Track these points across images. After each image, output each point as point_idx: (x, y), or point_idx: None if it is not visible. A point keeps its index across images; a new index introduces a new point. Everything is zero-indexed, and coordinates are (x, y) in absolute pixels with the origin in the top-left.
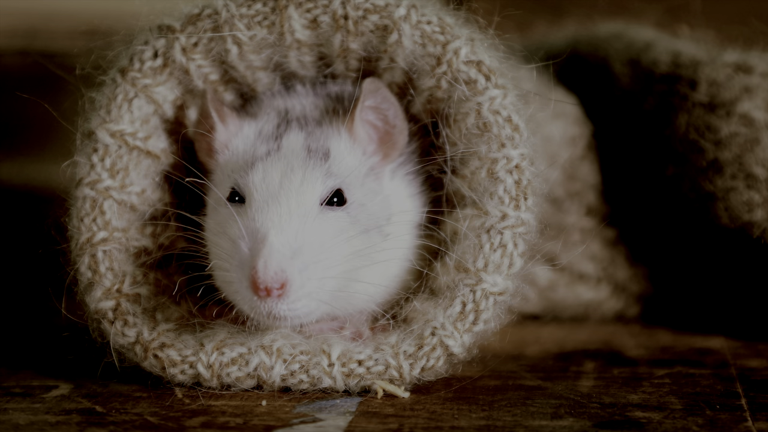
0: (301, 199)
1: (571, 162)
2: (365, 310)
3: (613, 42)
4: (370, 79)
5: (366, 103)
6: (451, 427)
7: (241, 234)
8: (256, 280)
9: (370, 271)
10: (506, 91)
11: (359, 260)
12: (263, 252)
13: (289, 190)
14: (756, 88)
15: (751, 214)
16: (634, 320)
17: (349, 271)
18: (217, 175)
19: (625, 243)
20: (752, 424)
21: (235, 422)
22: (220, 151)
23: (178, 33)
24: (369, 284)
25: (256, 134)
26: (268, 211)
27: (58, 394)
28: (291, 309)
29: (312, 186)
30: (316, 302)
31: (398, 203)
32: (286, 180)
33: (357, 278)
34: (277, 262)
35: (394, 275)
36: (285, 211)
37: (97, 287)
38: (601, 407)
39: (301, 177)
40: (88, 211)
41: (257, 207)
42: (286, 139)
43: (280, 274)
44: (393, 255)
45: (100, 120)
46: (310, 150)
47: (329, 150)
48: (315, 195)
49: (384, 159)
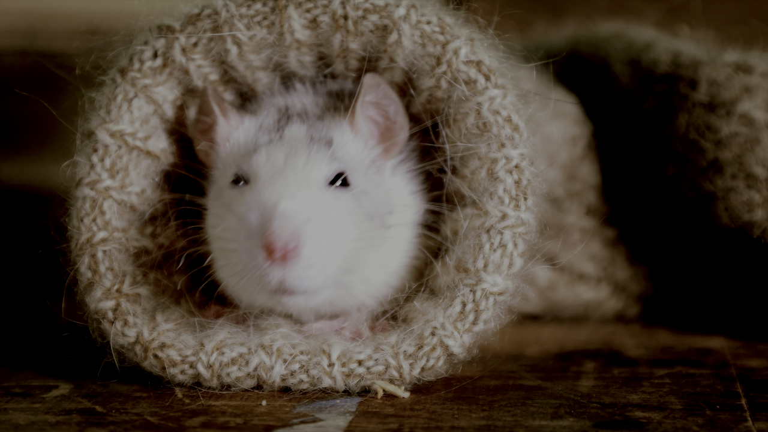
0: (308, 175)
1: (571, 162)
2: (364, 307)
3: (613, 42)
4: (370, 75)
5: (367, 98)
6: (451, 427)
7: (249, 205)
8: (271, 240)
9: (372, 261)
10: (506, 90)
11: (363, 245)
12: (277, 214)
13: (294, 167)
14: (756, 87)
15: (752, 214)
16: (634, 320)
17: (354, 254)
18: (218, 167)
19: (625, 243)
20: (752, 424)
21: (235, 422)
22: (221, 144)
23: (178, 33)
24: (370, 275)
25: (257, 127)
26: (276, 184)
27: (58, 394)
28: (302, 277)
29: (317, 165)
30: (324, 276)
31: (399, 198)
32: (291, 160)
33: (359, 266)
34: (292, 223)
35: (393, 270)
36: (293, 183)
37: (97, 287)
38: (601, 407)
39: (305, 158)
40: (88, 211)
41: (264, 182)
42: (288, 130)
43: (295, 234)
44: (394, 247)
45: (99, 120)
46: (313, 138)
47: (332, 139)
48: (320, 174)
49: (385, 154)
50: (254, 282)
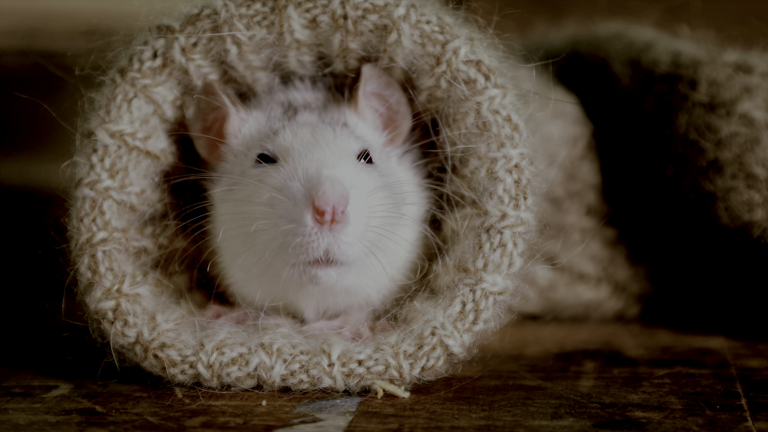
0: (340, 147)
1: (571, 162)
2: (367, 304)
3: (613, 42)
4: (369, 65)
5: (368, 88)
6: (451, 427)
7: (289, 176)
8: (321, 203)
9: (388, 246)
10: (506, 90)
11: (388, 224)
12: (324, 178)
13: (325, 141)
14: (756, 88)
15: (752, 214)
16: (634, 320)
17: (381, 230)
18: (230, 159)
19: (625, 243)
20: (752, 424)
21: (235, 422)
22: (232, 136)
23: (178, 33)
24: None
25: (266, 118)
26: (314, 155)
27: (58, 394)
28: (348, 243)
29: (346, 140)
30: (362, 247)
31: (407, 187)
32: (318, 135)
33: (380, 248)
34: (341, 185)
35: (400, 266)
36: (330, 153)
37: (97, 287)
38: (601, 407)
39: (332, 133)
40: (88, 212)
41: (299, 154)
42: (301, 117)
43: (344, 196)
44: (404, 236)
45: (99, 120)
46: (327, 122)
47: (346, 121)
48: (350, 147)
49: (389, 144)
50: (295, 250)
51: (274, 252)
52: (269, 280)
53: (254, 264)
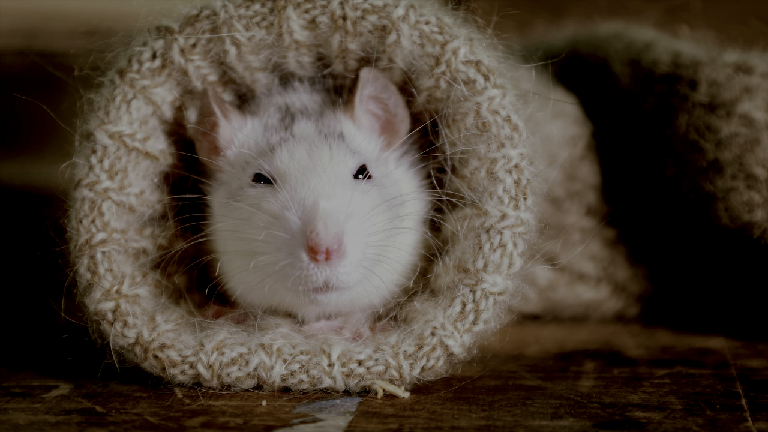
0: (336, 170)
1: (571, 162)
2: (369, 307)
3: (613, 42)
4: (367, 68)
5: (365, 91)
6: (451, 427)
7: (285, 204)
8: (316, 242)
9: (389, 254)
10: (505, 90)
11: (387, 236)
12: (320, 215)
13: (321, 164)
14: (756, 88)
15: (752, 214)
16: (634, 320)
17: (381, 244)
18: (227, 170)
19: (625, 243)
20: (752, 424)
21: (235, 422)
22: (226, 147)
23: (177, 34)
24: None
25: (263, 127)
26: (310, 182)
27: (58, 394)
28: (346, 273)
29: (342, 159)
30: (362, 271)
31: (406, 189)
32: (314, 156)
33: (381, 259)
34: (336, 222)
35: (401, 268)
36: (326, 180)
37: (97, 288)
38: (601, 407)
39: (328, 153)
40: (87, 213)
41: (295, 180)
42: (297, 127)
43: (339, 234)
44: (405, 241)
45: (98, 121)
46: (324, 134)
47: (342, 132)
48: (347, 167)
49: (387, 147)
50: (294, 281)
51: (273, 278)
52: (270, 294)
53: (255, 283)
